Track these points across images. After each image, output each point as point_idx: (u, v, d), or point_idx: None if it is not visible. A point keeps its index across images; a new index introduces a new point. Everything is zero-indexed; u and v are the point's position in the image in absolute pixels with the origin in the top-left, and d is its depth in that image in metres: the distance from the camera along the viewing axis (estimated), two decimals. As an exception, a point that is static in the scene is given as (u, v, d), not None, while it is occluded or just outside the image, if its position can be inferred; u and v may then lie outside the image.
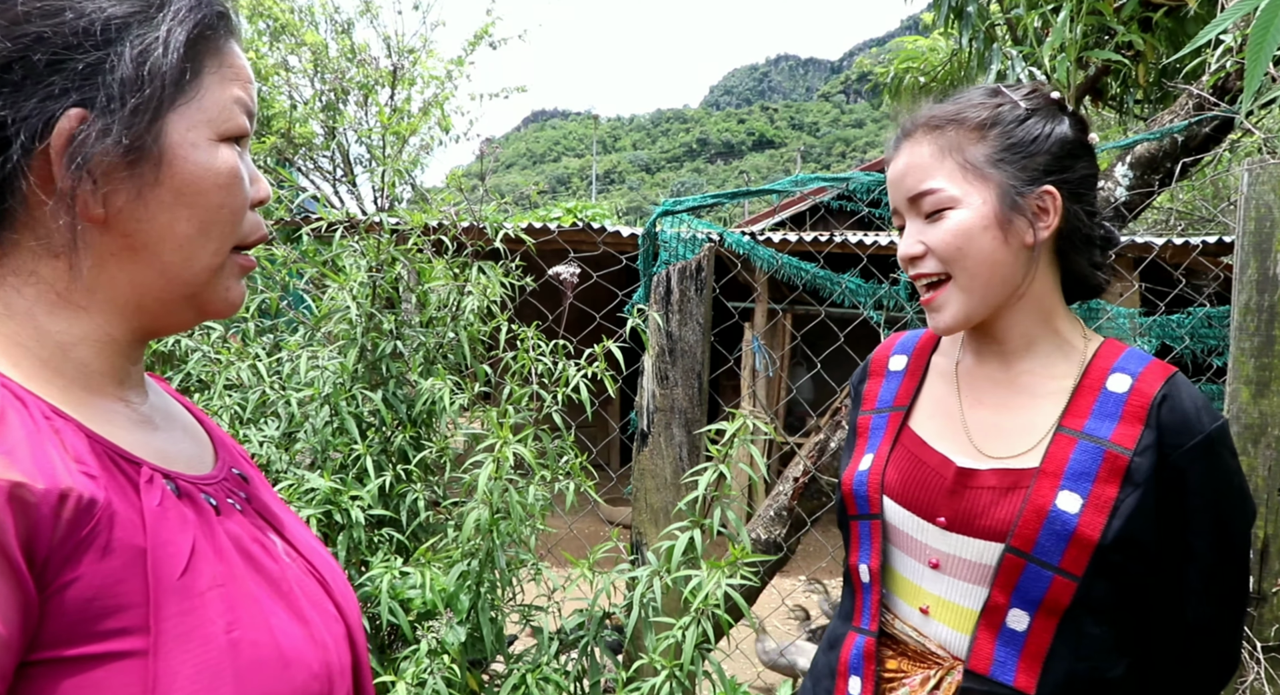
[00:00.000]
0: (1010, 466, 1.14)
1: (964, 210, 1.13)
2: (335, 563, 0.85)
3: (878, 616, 1.23)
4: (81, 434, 0.63)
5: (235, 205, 0.72)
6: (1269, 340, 1.88)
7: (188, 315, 0.74)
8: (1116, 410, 1.12)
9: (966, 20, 3.59)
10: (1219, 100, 2.27)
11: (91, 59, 0.64)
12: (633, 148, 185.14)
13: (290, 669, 0.65)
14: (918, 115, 1.20)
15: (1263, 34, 0.97)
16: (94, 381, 0.69)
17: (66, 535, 0.56)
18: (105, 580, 0.58)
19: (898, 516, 1.21)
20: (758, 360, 7.51)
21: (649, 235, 2.75)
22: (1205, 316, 2.70)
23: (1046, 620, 1.10)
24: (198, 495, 0.69)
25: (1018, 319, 1.18)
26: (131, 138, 0.65)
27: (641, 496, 2.54)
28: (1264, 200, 1.89)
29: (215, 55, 0.71)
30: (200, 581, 0.63)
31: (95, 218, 0.66)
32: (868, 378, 1.38)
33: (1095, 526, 1.07)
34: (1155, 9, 2.83)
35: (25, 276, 0.67)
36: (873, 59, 47.28)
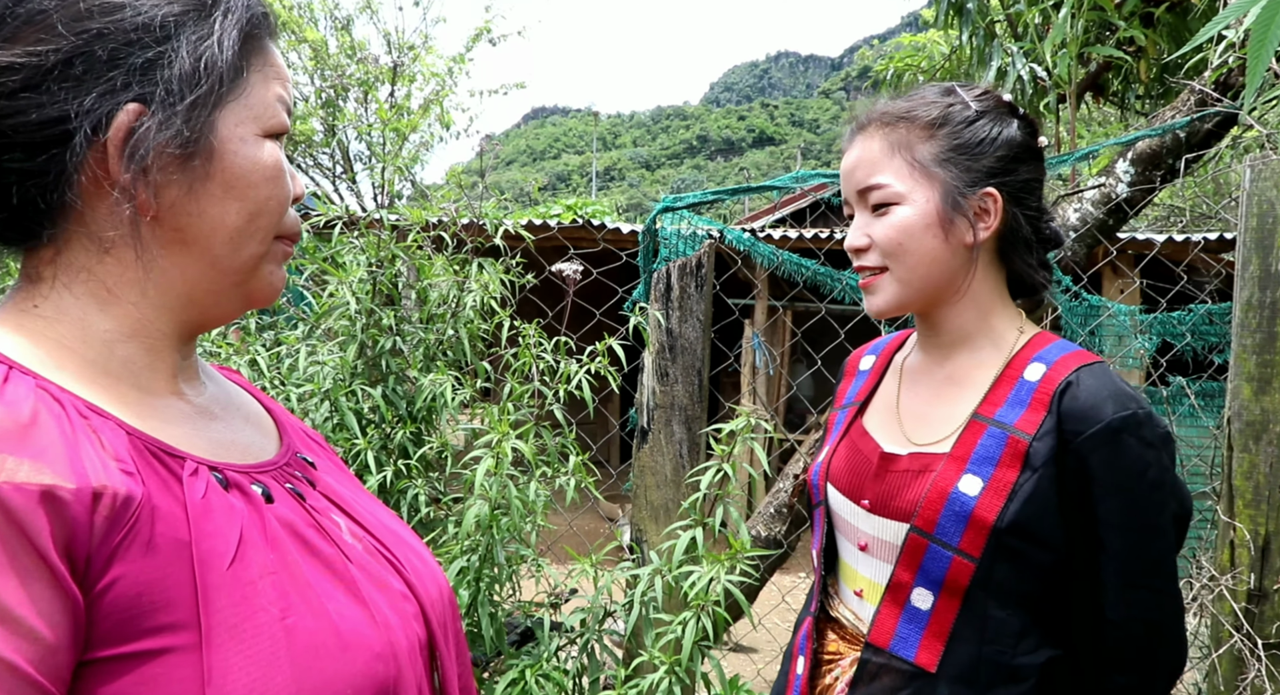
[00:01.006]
0: (925, 451, 1.20)
1: (907, 207, 1.17)
2: (414, 541, 0.85)
3: (818, 597, 1.31)
4: (121, 431, 0.63)
5: (281, 197, 0.74)
6: (1271, 337, 1.88)
7: (236, 304, 0.76)
8: (1026, 397, 1.15)
9: (966, 17, 3.59)
10: (1221, 96, 2.27)
11: (150, 54, 0.66)
12: (633, 144, 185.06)
13: (349, 651, 0.65)
14: (873, 110, 1.23)
15: (1264, 30, 0.97)
16: (143, 377, 0.70)
17: (106, 534, 0.56)
18: (150, 576, 0.58)
19: (837, 501, 1.28)
20: (758, 357, 7.51)
21: (649, 232, 2.75)
22: (1207, 313, 2.69)
23: (949, 600, 1.14)
24: (247, 485, 0.69)
25: (955, 314, 1.22)
26: (189, 132, 0.67)
27: (641, 493, 2.54)
28: (1266, 196, 1.89)
29: (260, 54, 0.74)
30: (250, 570, 0.63)
31: (148, 211, 0.67)
32: (842, 378, 1.45)
33: (992, 509, 1.10)
34: (1157, 5, 2.83)
35: (76, 273, 0.68)
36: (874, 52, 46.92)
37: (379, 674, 0.67)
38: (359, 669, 0.65)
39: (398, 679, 0.69)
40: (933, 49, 5.47)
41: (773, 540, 2.56)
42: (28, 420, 0.57)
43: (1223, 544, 1.92)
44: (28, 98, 0.63)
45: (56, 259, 0.68)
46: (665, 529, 2.44)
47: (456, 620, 0.84)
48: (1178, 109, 2.36)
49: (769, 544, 2.56)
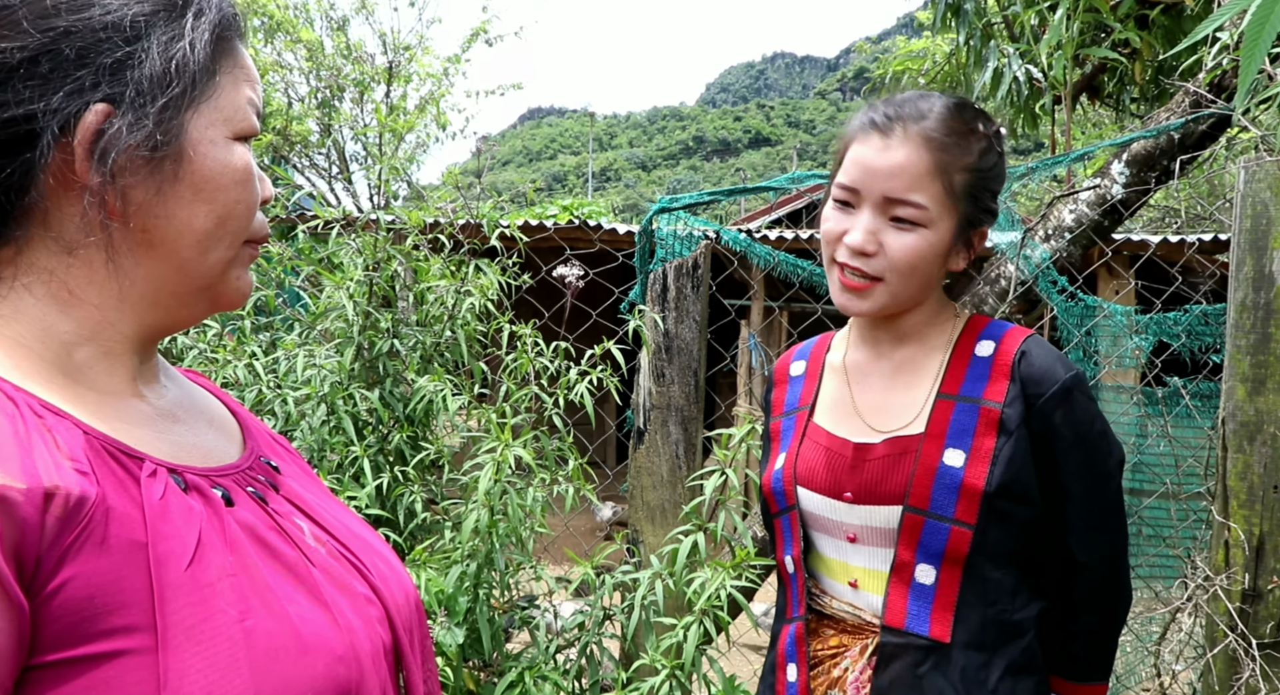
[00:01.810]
0: (899, 434, 1.24)
1: (931, 233, 1.20)
2: (380, 546, 0.84)
3: (804, 601, 1.31)
4: (78, 430, 0.61)
5: (250, 201, 0.73)
6: (1265, 337, 1.88)
7: (201, 308, 0.75)
8: (985, 371, 1.24)
9: (963, 18, 3.59)
10: (1216, 97, 2.27)
11: (120, 54, 0.65)
12: (629, 145, 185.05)
13: (310, 654, 0.64)
14: (914, 110, 1.22)
15: (1257, 32, 0.97)
16: (102, 379, 0.69)
17: (57, 535, 0.55)
18: (104, 578, 0.57)
19: (812, 502, 1.30)
20: (754, 357, 7.51)
21: (645, 233, 2.75)
22: (1201, 314, 2.70)
23: (951, 571, 1.19)
24: (207, 487, 0.68)
25: (912, 317, 1.29)
26: (159, 134, 0.66)
27: (638, 494, 2.54)
28: (1260, 198, 1.89)
29: (231, 55, 0.73)
30: (209, 572, 0.62)
31: (115, 213, 0.66)
32: (773, 387, 1.47)
33: (980, 476, 1.17)
34: (1152, 6, 2.83)
35: (38, 274, 0.66)
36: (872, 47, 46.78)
37: (340, 677, 0.66)
38: (319, 672, 0.64)
39: (360, 682, 0.68)
40: (934, 50, 5.48)
41: (770, 541, 2.56)
42: None
43: (1217, 544, 1.93)
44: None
45: (17, 259, 0.66)
46: (662, 529, 2.45)
47: (423, 625, 0.83)
48: (1172, 110, 2.37)
49: (766, 544, 2.56)
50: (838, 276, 1.25)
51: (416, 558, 1.83)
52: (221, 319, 2.44)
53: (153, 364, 0.76)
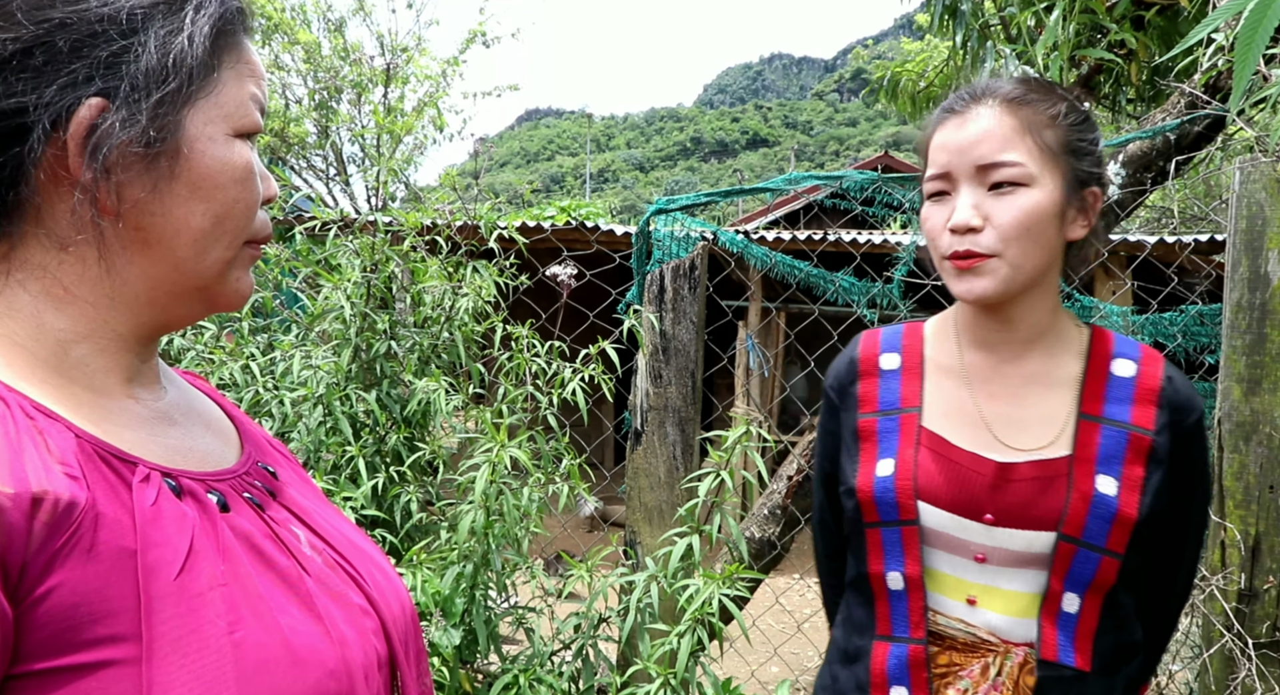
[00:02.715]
0: (1045, 457, 1.16)
1: (1038, 190, 1.11)
2: (377, 555, 0.82)
3: (922, 623, 1.21)
4: (69, 433, 0.60)
5: (250, 200, 0.71)
6: (1260, 338, 1.89)
7: (198, 308, 0.73)
8: (1128, 394, 1.17)
9: (960, 19, 3.60)
10: (1211, 98, 2.28)
11: (115, 47, 0.63)
12: (627, 146, 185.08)
13: (300, 667, 0.62)
14: (986, 86, 1.18)
15: (1251, 34, 0.98)
16: (97, 379, 0.67)
17: (44, 541, 0.54)
18: (91, 586, 0.55)
19: (937, 519, 1.19)
20: (751, 358, 7.51)
21: (642, 234, 2.75)
22: (1197, 314, 2.71)
23: (1094, 600, 1.14)
24: (202, 493, 0.67)
25: (1034, 306, 1.19)
26: (155, 130, 0.64)
27: (635, 495, 2.54)
28: (1255, 198, 1.90)
29: (233, 50, 0.71)
30: (199, 582, 0.60)
31: (109, 210, 0.64)
32: (859, 378, 1.33)
33: (1133, 505, 1.12)
34: (1148, 8, 2.84)
35: (32, 271, 0.65)
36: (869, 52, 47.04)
37: (331, 691, 0.64)
38: (310, 685, 0.63)
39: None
40: (932, 53, 5.49)
41: (767, 542, 2.56)
42: None
43: (1213, 544, 1.93)
44: None
45: (10, 255, 0.65)
46: (658, 531, 2.45)
47: (418, 637, 0.82)
48: (1168, 111, 2.38)
49: (763, 545, 2.56)
50: (950, 267, 1.16)
51: (413, 558, 1.83)
52: (219, 320, 2.44)
53: (151, 364, 0.74)
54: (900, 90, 5.43)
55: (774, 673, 4.60)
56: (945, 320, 1.31)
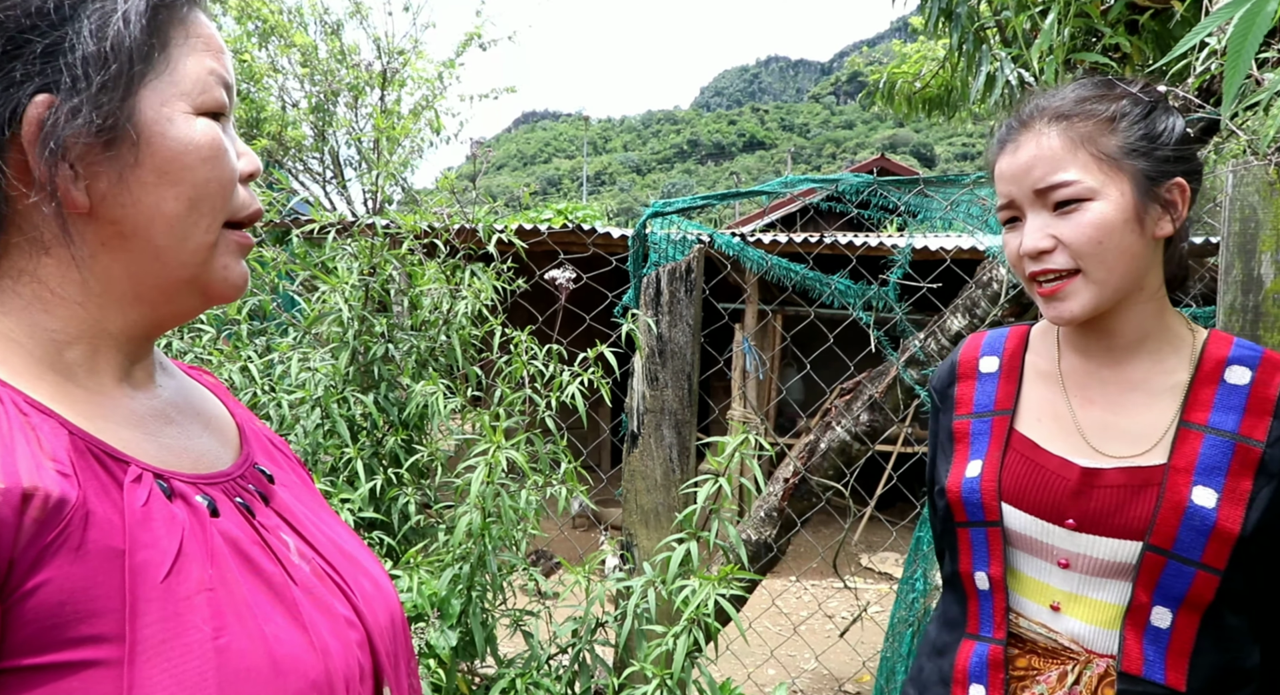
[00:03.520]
0: (1136, 464, 1.13)
1: (1102, 202, 1.10)
2: (369, 564, 0.81)
3: (1004, 624, 1.20)
4: (63, 430, 0.60)
5: (223, 178, 0.69)
6: (1253, 340, 1.90)
7: (191, 301, 0.71)
8: (1240, 403, 1.11)
9: (956, 22, 3.61)
10: (1204, 102, 2.29)
11: (50, 40, 0.61)
12: (623, 149, 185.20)
13: (282, 677, 0.62)
14: (1034, 106, 1.17)
15: (1241, 40, 0.99)
16: (92, 378, 0.66)
17: (33, 537, 0.53)
18: (77, 584, 0.55)
19: (1019, 522, 1.18)
20: (748, 361, 7.52)
21: (639, 237, 2.76)
22: (1191, 317, 2.72)
23: (1189, 616, 1.09)
24: (192, 496, 0.66)
25: (1134, 313, 1.16)
26: (103, 117, 0.62)
27: (631, 498, 2.54)
28: (1248, 201, 1.91)
29: (180, 25, 0.68)
30: (186, 585, 0.59)
31: (80, 207, 0.63)
32: (957, 381, 1.33)
33: (1235, 520, 1.06)
34: (1141, 12, 2.85)
35: (19, 275, 0.64)
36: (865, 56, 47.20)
37: None
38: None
39: None
40: (928, 53, 5.51)
41: (763, 544, 2.57)
42: None
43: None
44: None
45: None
46: (655, 533, 2.45)
47: (408, 648, 0.81)
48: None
49: (759, 548, 2.57)
50: (1037, 291, 1.15)
51: (410, 560, 1.84)
52: (217, 324, 2.44)
53: (148, 362, 0.73)
54: (896, 93, 5.44)
55: (770, 675, 4.60)
56: (1049, 326, 1.30)
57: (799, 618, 5.49)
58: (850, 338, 3.23)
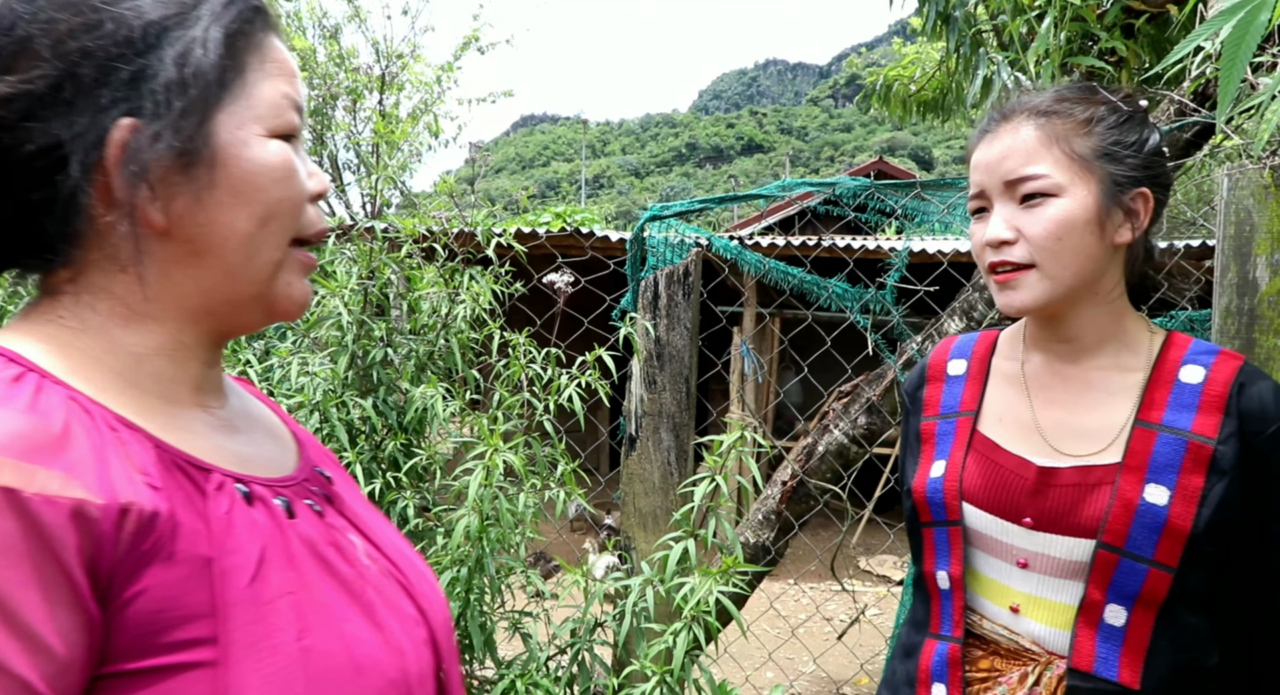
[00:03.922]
0: (1091, 463, 1.15)
1: (1067, 199, 1.12)
2: (423, 564, 0.83)
3: (961, 622, 1.22)
4: (149, 444, 0.62)
5: (294, 198, 0.72)
6: (1249, 343, 1.90)
7: (257, 315, 0.74)
8: (1193, 401, 1.13)
9: (953, 26, 3.62)
10: (1199, 106, 2.30)
11: (135, 67, 0.64)
12: (622, 152, 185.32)
13: (363, 676, 0.64)
14: (1017, 101, 1.19)
15: (1236, 45, 1.00)
16: (169, 389, 0.69)
17: (129, 549, 0.56)
18: (171, 592, 0.58)
19: (979, 521, 1.21)
20: (746, 364, 7.53)
21: (636, 240, 2.77)
22: (1188, 320, 2.73)
23: (1144, 614, 1.10)
24: (270, 499, 0.69)
25: (1092, 316, 1.19)
26: (182, 141, 0.65)
27: (630, 501, 2.55)
28: (1243, 204, 1.92)
29: (256, 51, 0.71)
30: (269, 589, 0.62)
31: (157, 226, 0.66)
32: (926, 383, 1.35)
33: (1186, 517, 1.08)
34: (1137, 16, 2.86)
35: (97, 293, 0.67)
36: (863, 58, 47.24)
37: None
38: (372, 694, 0.65)
39: None
40: (927, 57, 5.52)
41: (761, 547, 2.57)
42: (60, 432, 0.57)
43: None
44: (29, 128, 0.62)
45: (78, 279, 0.67)
46: (653, 536, 2.46)
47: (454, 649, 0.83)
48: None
49: (758, 550, 2.57)
50: (993, 282, 1.18)
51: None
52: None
53: (216, 371, 0.76)
54: (893, 96, 5.45)
55: (769, 678, 4.60)
56: (1018, 329, 1.32)
57: (797, 620, 5.49)
58: (848, 341, 3.24)
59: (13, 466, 0.53)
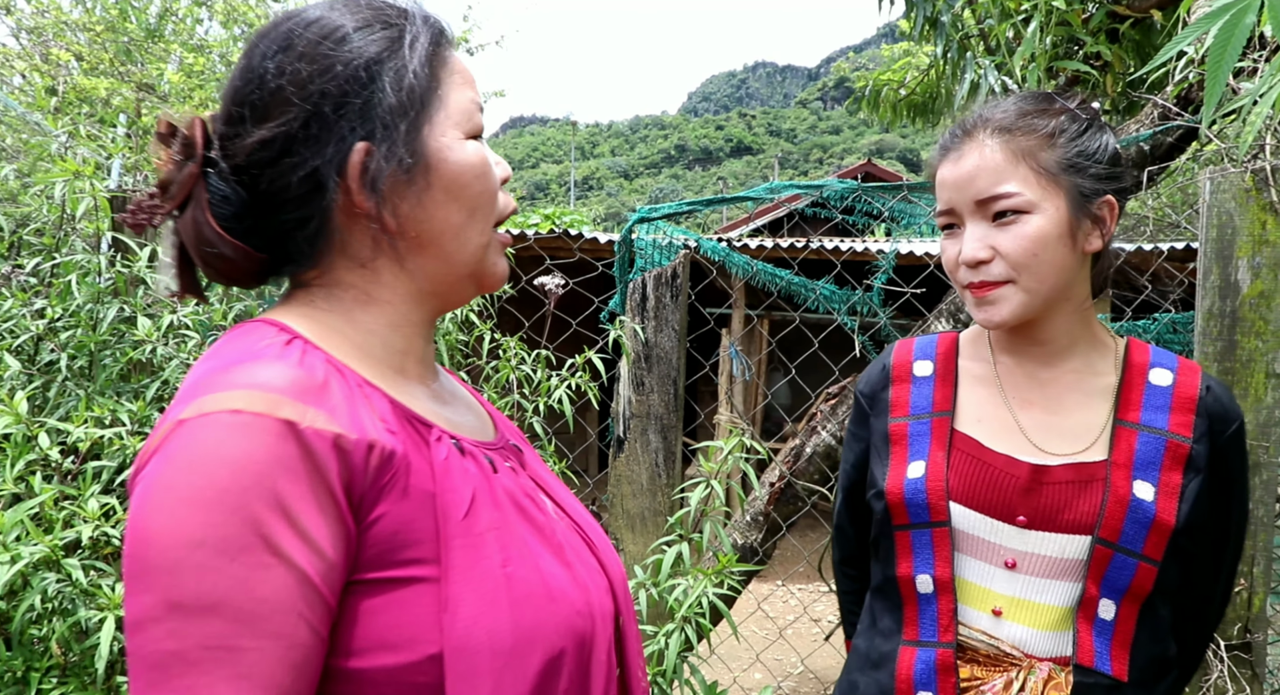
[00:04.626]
0: (1080, 460, 1.17)
1: (1039, 216, 1.14)
2: (600, 530, 0.94)
3: (951, 626, 1.20)
4: (386, 400, 0.75)
5: (491, 189, 0.84)
6: (1231, 345, 1.92)
7: (469, 291, 0.86)
8: (1165, 402, 1.18)
9: (940, 30, 3.64)
10: (1182, 110, 2.32)
11: (363, 98, 0.76)
12: (611, 154, 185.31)
13: (556, 603, 0.75)
14: (977, 117, 1.20)
15: (1221, 51, 1.01)
16: (397, 360, 0.82)
17: (375, 479, 0.68)
18: (404, 518, 0.69)
19: (968, 521, 1.20)
20: (735, 366, 7.54)
21: (625, 242, 2.77)
22: (1170, 322, 2.75)
23: (1130, 607, 1.14)
24: (479, 455, 0.80)
25: (1063, 321, 1.22)
26: (409, 155, 0.77)
27: (618, 502, 2.55)
28: (1225, 207, 1.94)
29: (445, 66, 0.82)
30: (479, 523, 0.73)
31: (390, 228, 0.78)
32: (891, 384, 1.35)
33: (1170, 512, 1.12)
34: (1122, 21, 2.89)
35: (342, 285, 0.80)
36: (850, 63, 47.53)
37: (579, 628, 0.76)
38: (562, 620, 0.75)
39: (594, 635, 0.78)
40: (916, 60, 5.54)
41: (749, 548, 2.58)
42: (321, 382, 0.69)
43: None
44: (286, 162, 0.75)
45: (324, 276, 0.80)
46: (641, 537, 2.46)
47: (633, 606, 0.92)
48: (1141, 122, 2.42)
49: (746, 552, 2.58)
50: (969, 296, 1.20)
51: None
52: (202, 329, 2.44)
53: (431, 350, 0.89)
54: (882, 99, 5.48)
55: (757, 679, 4.61)
56: (979, 332, 1.33)
57: (785, 621, 5.50)
58: (835, 342, 3.25)
59: (292, 404, 0.65)
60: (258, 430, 0.63)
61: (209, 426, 0.63)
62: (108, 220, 2.14)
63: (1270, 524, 1.91)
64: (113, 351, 2.04)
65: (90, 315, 2.00)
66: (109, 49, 6.38)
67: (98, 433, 1.70)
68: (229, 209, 0.76)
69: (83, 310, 2.00)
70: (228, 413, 0.64)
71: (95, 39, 6.41)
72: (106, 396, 1.94)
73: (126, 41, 6.61)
